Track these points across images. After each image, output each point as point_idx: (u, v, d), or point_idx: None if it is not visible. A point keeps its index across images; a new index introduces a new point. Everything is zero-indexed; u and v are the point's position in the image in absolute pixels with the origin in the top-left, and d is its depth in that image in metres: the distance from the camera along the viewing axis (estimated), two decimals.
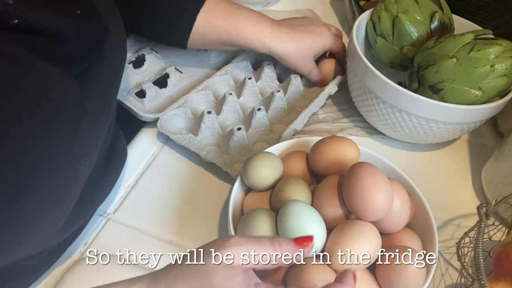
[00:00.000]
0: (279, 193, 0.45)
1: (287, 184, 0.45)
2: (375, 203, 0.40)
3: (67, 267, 0.48)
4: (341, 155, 0.47)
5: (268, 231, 0.42)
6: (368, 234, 0.40)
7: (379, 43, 0.64)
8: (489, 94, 0.55)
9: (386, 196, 0.41)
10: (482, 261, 0.41)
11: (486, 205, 0.46)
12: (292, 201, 0.42)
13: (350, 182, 0.41)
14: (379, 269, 0.42)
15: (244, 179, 0.48)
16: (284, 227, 0.40)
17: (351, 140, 0.48)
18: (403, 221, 0.44)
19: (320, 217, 0.42)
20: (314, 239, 0.36)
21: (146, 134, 0.62)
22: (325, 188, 0.45)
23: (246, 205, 0.49)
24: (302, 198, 0.44)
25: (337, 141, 0.48)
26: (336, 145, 0.48)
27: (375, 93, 0.58)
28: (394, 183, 0.44)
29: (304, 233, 0.38)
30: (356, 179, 0.41)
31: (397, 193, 0.43)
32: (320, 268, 0.39)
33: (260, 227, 0.42)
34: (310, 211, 0.41)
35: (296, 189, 0.45)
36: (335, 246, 0.40)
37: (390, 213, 0.42)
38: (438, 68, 0.55)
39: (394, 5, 0.62)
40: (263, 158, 0.47)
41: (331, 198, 0.44)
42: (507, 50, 0.54)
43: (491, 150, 0.64)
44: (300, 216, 0.40)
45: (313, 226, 0.40)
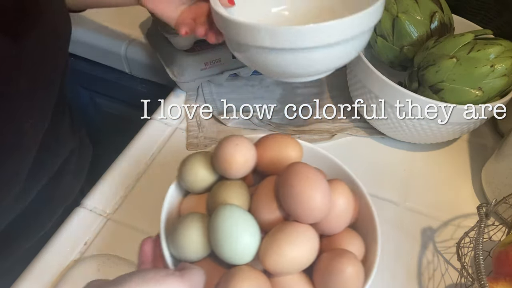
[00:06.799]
0: (213, 196, 0.42)
1: (223, 186, 0.42)
2: (312, 205, 0.38)
3: (67, 267, 0.48)
4: (283, 154, 0.44)
5: (197, 240, 0.38)
6: (304, 237, 0.38)
7: (379, 43, 0.64)
8: (489, 94, 0.55)
9: (323, 197, 0.38)
10: (482, 261, 0.41)
11: (486, 205, 0.47)
12: (224, 206, 0.38)
13: (284, 184, 0.39)
14: (316, 273, 0.39)
15: (180, 181, 0.44)
16: (214, 235, 0.37)
17: (295, 139, 0.45)
18: (345, 222, 0.42)
19: (254, 222, 0.39)
20: (246, 247, 0.35)
21: (146, 134, 0.62)
22: (263, 190, 0.42)
23: (182, 209, 0.45)
24: (238, 201, 0.41)
25: (279, 139, 0.45)
26: (278, 143, 0.44)
27: (375, 93, 0.58)
28: (337, 182, 0.42)
29: (235, 242, 0.36)
30: (290, 180, 0.38)
31: (339, 193, 0.41)
32: (252, 273, 0.36)
33: (188, 236, 0.38)
34: (242, 217, 0.38)
35: (232, 192, 0.41)
36: (269, 249, 0.37)
37: (330, 213, 0.40)
38: (438, 68, 0.55)
39: (394, 5, 0.62)
40: (199, 158, 0.44)
41: (269, 200, 0.40)
42: (507, 50, 0.54)
43: (491, 150, 0.64)
44: (231, 223, 0.37)
45: (246, 233, 0.37)
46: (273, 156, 0.44)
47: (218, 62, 0.66)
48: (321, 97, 0.70)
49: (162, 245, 0.39)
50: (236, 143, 0.42)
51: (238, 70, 0.68)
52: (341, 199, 0.40)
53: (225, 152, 0.41)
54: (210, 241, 0.38)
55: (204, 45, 0.65)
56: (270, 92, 0.70)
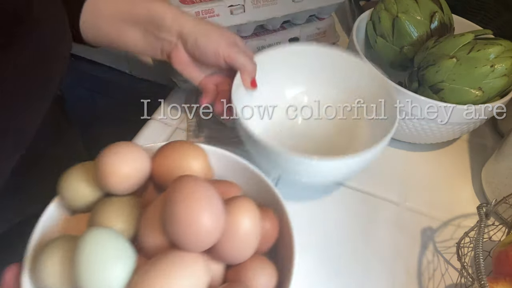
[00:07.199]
0: (93, 217, 0.35)
1: (106, 204, 0.35)
2: (196, 228, 0.31)
3: None
4: (183, 165, 0.37)
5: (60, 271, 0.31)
6: (186, 270, 0.30)
7: (379, 43, 0.64)
8: (489, 94, 0.55)
9: (213, 218, 0.31)
10: (482, 261, 0.41)
11: (486, 205, 0.47)
12: (90, 230, 0.31)
13: (166, 203, 0.32)
14: None
15: (61, 198, 0.37)
16: (74, 266, 0.30)
17: (198, 146, 0.39)
18: (250, 248, 0.34)
19: (129, 250, 0.32)
20: (114, 283, 0.29)
21: (146, 134, 0.62)
22: (153, 209, 0.34)
23: (61, 231, 0.37)
24: (121, 223, 0.34)
25: (178, 147, 0.38)
26: (177, 152, 0.38)
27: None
28: (240, 200, 0.34)
29: (99, 276, 0.30)
30: (172, 198, 0.31)
31: (243, 213, 0.33)
32: None
33: (50, 265, 0.31)
34: (114, 244, 0.31)
35: (114, 212, 0.34)
36: (140, 284, 0.30)
37: (231, 239, 0.33)
38: (438, 68, 0.55)
39: (394, 5, 0.62)
40: (81, 171, 0.36)
41: (156, 222, 0.33)
42: (507, 50, 0.54)
43: (491, 150, 0.64)
44: (96, 252, 0.30)
45: (115, 265, 0.30)
46: (171, 168, 0.37)
47: None
48: None
49: (22, 276, 0.33)
50: (116, 151, 0.35)
51: None
52: (246, 221, 0.33)
53: (102, 162, 0.34)
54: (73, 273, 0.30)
55: None
56: None
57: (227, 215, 0.33)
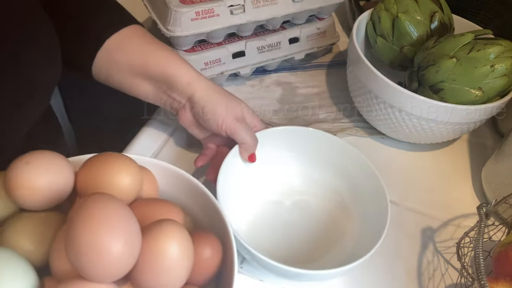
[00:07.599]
0: (2, 234, 0.32)
1: (18, 220, 0.32)
2: (98, 256, 0.26)
3: None
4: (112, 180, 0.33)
5: None
6: None
7: (379, 43, 0.64)
8: (489, 94, 0.55)
9: (123, 244, 0.27)
10: (482, 261, 0.41)
11: (486, 205, 0.47)
12: None
13: (68, 227, 0.27)
14: None
15: None
16: None
17: (132, 160, 0.35)
18: (180, 277, 0.30)
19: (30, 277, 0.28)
20: None
21: (146, 134, 0.62)
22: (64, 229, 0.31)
23: None
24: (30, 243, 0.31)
25: (108, 160, 0.34)
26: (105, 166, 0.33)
27: (375, 93, 0.58)
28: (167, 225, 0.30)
29: None
30: (72, 221, 0.27)
31: (170, 238, 0.29)
32: None
33: None
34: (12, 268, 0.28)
35: (26, 229, 0.31)
36: None
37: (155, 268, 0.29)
38: (438, 68, 0.55)
39: (394, 5, 0.62)
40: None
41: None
42: (507, 50, 0.54)
43: (491, 150, 0.64)
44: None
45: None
46: (98, 183, 0.33)
47: (218, 62, 0.66)
48: (321, 97, 0.70)
49: None
50: (27, 161, 0.31)
51: (238, 70, 0.68)
52: (172, 247, 0.29)
53: (10, 173, 0.31)
54: None
55: (204, 45, 0.65)
56: (270, 92, 0.70)
57: (149, 240, 0.29)
